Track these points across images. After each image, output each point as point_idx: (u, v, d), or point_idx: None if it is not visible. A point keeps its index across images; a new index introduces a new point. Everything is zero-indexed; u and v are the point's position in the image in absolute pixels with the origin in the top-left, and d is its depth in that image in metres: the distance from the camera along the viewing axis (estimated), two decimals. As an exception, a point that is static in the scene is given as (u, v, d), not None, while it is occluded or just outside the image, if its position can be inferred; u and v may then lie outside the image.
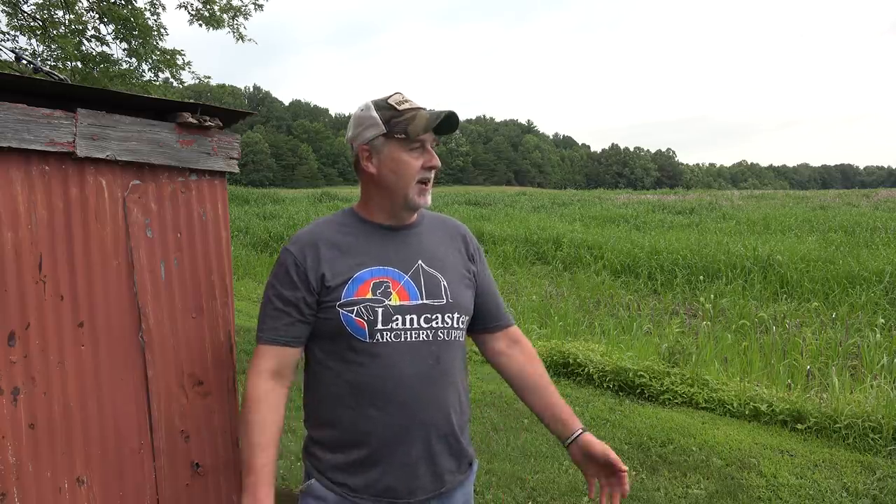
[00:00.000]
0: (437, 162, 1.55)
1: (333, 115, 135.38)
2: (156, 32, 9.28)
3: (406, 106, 1.52)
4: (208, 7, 9.51)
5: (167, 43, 12.84)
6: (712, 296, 9.36)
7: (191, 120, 1.69)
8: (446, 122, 1.52)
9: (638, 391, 5.48)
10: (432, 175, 1.55)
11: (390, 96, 1.55)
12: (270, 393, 1.50)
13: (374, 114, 1.54)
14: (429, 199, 1.56)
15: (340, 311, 1.48)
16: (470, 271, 1.66)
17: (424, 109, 1.54)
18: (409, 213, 1.59)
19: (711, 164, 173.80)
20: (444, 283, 1.56)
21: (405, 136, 1.50)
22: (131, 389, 1.62)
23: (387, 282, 1.50)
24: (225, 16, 9.66)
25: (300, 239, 1.56)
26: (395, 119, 1.51)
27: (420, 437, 1.50)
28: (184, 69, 9.61)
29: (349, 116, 1.65)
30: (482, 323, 1.71)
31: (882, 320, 7.40)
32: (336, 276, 1.50)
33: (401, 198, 1.53)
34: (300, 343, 1.54)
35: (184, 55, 9.53)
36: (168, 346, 1.69)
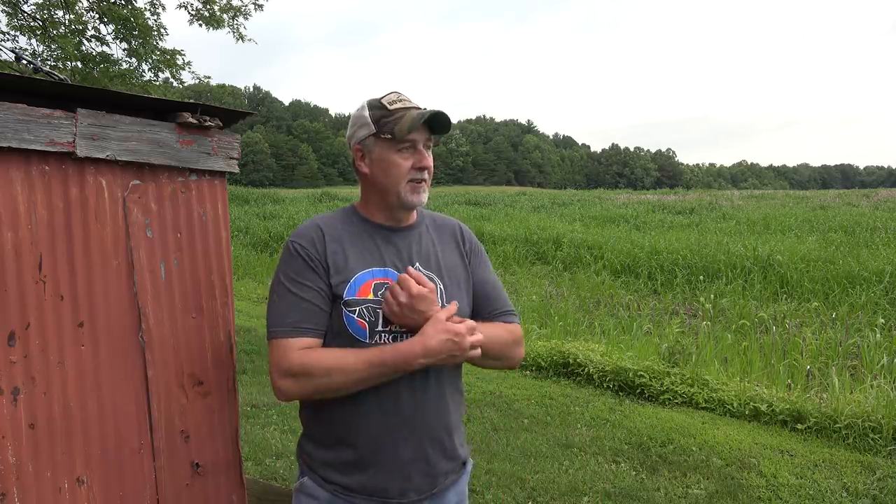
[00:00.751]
0: (428, 162, 1.53)
1: (333, 115, 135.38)
2: (156, 32, 9.30)
3: (398, 106, 1.51)
4: (208, 7, 9.53)
5: (167, 43, 12.86)
6: (712, 296, 9.36)
7: (191, 120, 1.69)
8: (435, 122, 1.50)
9: (638, 391, 5.48)
10: (424, 175, 1.53)
11: (385, 95, 1.54)
12: (316, 349, 1.46)
13: (366, 113, 1.53)
14: (424, 197, 1.54)
15: (344, 309, 1.47)
16: (467, 270, 1.65)
17: (416, 109, 1.52)
18: (406, 213, 1.58)
19: (711, 164, 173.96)
20: (440, 286, 1.55)
21: (391, 137, 1.49)
22: (131, 389, 1.62)
23: (387, 283, 1.50)
24: (225, 16, 9.68)
25: (306, 232, 1.54)
26: (384, 119, 1.50)
27: (413, 439, 1.50)
28: (184, 69, 9.62)
29: (349, 116, 1.64)
30: (476, 313, 1.64)
31: (882, 320, 7.40)
32: (338, 272, 1.49)
33: (394, 197, 1.53)
34: (322, 335, 1.50)
35: (184, 55, 9.55)
36: (168, 346, 1.69)
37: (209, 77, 10.53)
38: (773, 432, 4.62)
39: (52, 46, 8.58)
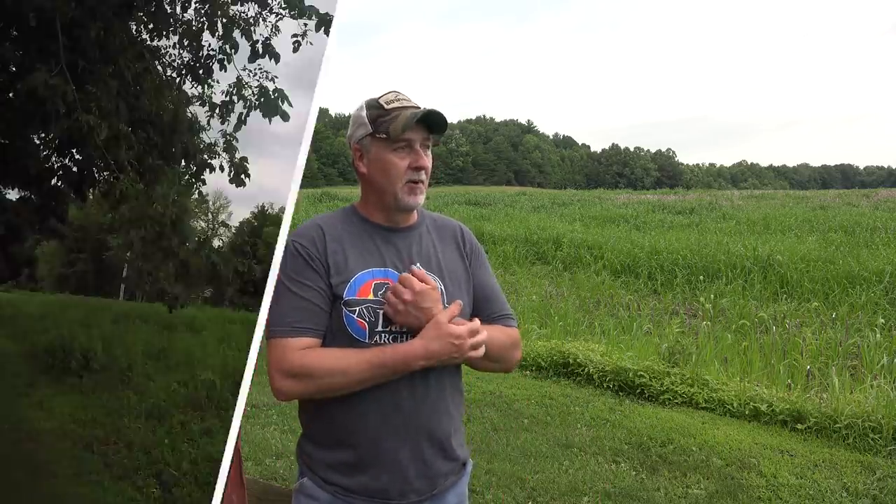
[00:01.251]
0: (424, 162, 1.52)
1: (333, 115, 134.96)
2: (156, 32, 9.29)
3: (394, 105, 1.51)
4: (208, 7, 9.53)
5: (167, 43, 12.83)
6: (712, 296, 9.36)
7: (190, 120, 1.69)
8: (431, 121, 1.50)
9: (638, 391, 5.48)
10: (421, 176, 1.52)
11: (383, 95, 1.54)
12: (316, 348, 1.46)
13: (364, 113, 1.53)
14: (420, 198, 1.54)
15: (344, 309, 1.47)
16: (468, 272, 1.65)
17: (413, 109, 1.51)
18: (404, 214, 1.58)
19: (711, 165, 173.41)
20: (440, 287, 1.55)
21: (387, 136, 1.49)
22: (131, 389, 1.62)
23: (388, 283, 1.49)
24: (225, 16, 9.67)
25: (306, 231, 1.53)
26: (380, 118, 1.50)
27: (412, 441, 1.49)
28: (184, 69, 9.62)
29: (349, 116, 1.64)
30: (475, 315, 1.63)
31: (882, 320, 7.40)
32: (339, 272, 1.49)
33: (391, 197, 1.52)
34: (322, 335, 1.49)
35: (183, 55, 9.55)
36: (168, 346, 1.69)
37: (209, 77, 10.53)
38: (773, 432, 4.62)
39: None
